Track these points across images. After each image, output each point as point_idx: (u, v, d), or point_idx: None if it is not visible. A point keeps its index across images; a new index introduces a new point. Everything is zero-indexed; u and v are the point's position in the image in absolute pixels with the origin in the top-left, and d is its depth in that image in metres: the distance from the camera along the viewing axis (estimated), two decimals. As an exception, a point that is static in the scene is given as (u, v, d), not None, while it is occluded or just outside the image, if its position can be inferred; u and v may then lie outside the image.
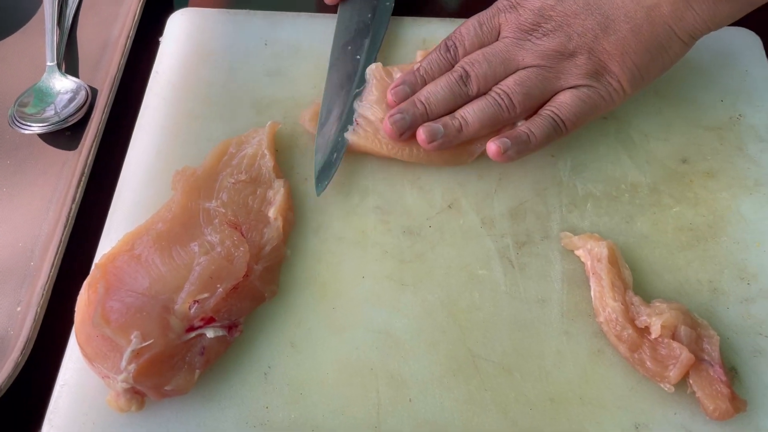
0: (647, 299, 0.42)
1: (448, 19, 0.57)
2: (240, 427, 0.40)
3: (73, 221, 0.47)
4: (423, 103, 0.47)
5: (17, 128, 0.51)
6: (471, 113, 0.46)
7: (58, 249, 0.45)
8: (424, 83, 0.48)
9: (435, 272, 0.45)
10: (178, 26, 0.57)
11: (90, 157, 0.50)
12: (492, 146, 0.44)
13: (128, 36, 0.56)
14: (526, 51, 0.46)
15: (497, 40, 0.48)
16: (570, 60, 0.45)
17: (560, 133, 0.45)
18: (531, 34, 0.46)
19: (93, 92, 0.54)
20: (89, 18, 0.59)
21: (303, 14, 0.57)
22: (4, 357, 0.42)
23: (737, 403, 0.38)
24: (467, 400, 0.40)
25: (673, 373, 0.39)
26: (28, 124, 0.51)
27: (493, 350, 0.42)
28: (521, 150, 0.45)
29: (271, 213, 0.46)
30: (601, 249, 0.42)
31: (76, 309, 0.41)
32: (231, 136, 0.49)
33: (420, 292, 0.44)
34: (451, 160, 0.48)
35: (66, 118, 0.52)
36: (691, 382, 0.39)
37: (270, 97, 0.53)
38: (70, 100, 0.53)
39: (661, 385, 0.40)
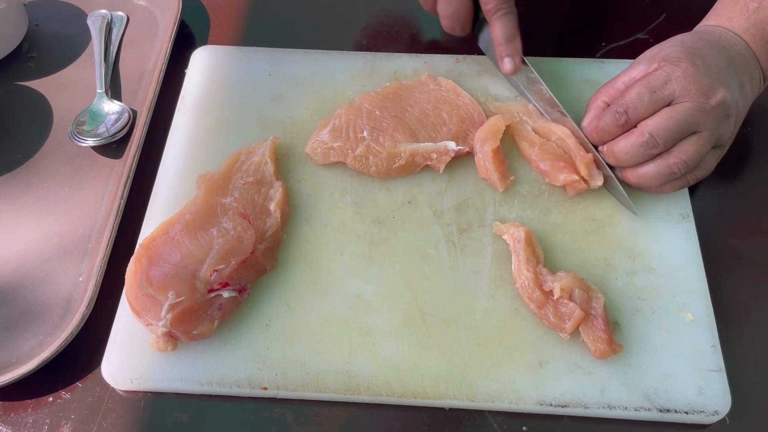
0: (554, 271, 0.53)
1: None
2: (247, 363, 0.50)
3: (121, 213, 0.56)
4: (615, 159, 0.54)
5: (76, 142, 0.61)
6: (651, 177, 0.53)
7: (110, 233, 0.55)
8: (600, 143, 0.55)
9: (396, 252, 0.55)
10: (200, 60, 0.67)
11: (133, 164, 0.59)
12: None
13: (161, 68, 0.65)
14: (706, 115, 0.50)
15: (671, 101, 0.51)
16: (726, 122, 0.52)
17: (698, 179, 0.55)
18: (710, 99, 0.50)
19: (133, 113, 0.63)
20: (129, 53, 0.69)
21: (300, 50, 0.67)
22: (71, 313, 0.53)
23: (614, 346, 0.49)
24: (416, 344, 0.51)
25: (569, 325, 0.50)
26: (85, 138, 0.61)
27: (437, 309, 0.52)
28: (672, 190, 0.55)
29: (272, 206, 0.55)
30: (520, 233, 0.54)
31: (126, 277, 0.51)
32: (241, 147, 0.59)
33: (384, 267, 0.54)
34: (402, 172, 0.59)
35: (114, 134, 0.61)
36: (581, 331, 0.51)
37: (272, 117, 0.63)
38: (117, 120, 0.62)
39: (560, 334, 0.51)
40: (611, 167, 0.56)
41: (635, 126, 0.52)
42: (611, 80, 0.57)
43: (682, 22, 0.71)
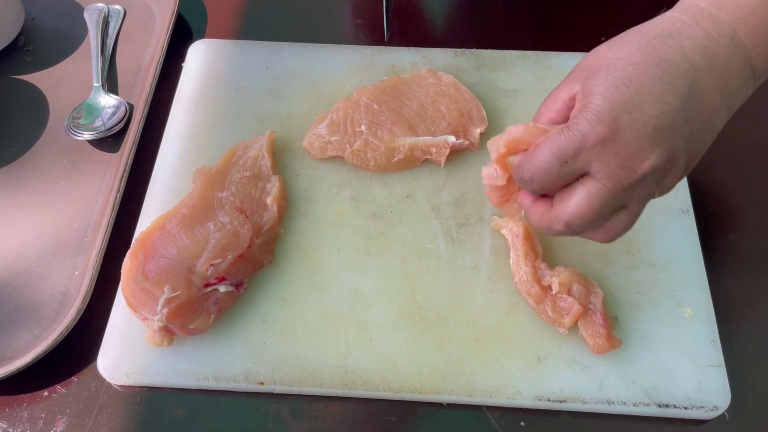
0: (553, 266, 0.52)
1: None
2: (244, 358, 0.50)
3: (117, 207, 0.56)
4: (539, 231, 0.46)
5: (72, 135, 0.61)
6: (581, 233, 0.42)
7: (106, 228, 0.55)
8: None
9: (393, 246, 0.55)
10: (197, 54, 0.67)
11: (129, 158, 0.59)
12: None
13: (158, 62, 0.64)
14: (631, 190, 0.39)
15: (586, 173, 0.40)
16: (665, 179, 0.40)
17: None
18: (635, 172, 0.38)
19: (130, 107, 0.63)
20: (126, 47, 0.69)
21: (297, 44, 0.67)
22: (67, 308, 0.52)
23: (612, 341, 0.49)
24: (413, 339, 0.51)
25: (567, 320, 0.50)
26: (81, 132, 0.61)
27: (435, 303, 0.52)
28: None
29: (269, 201, 0.55)
30: (519, 228, 0.53)
31: (122, 271, 0.51)
32: (238, 141, 0.58)
33: (381, 261, 0.54)
34: (401, 167, 0.59)
35: (111, 127, 0.61)
36: (580, 326, 0.50)
37: (269, 111, 0.63)
38: (113, 114, 0.62)
39: (559, 329, 0.51)
40: None
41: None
42: (553, 93, 0.44)
43: (683, 16, 0.71)
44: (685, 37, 0.39)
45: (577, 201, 0.40)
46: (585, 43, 0.58)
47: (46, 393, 0.51)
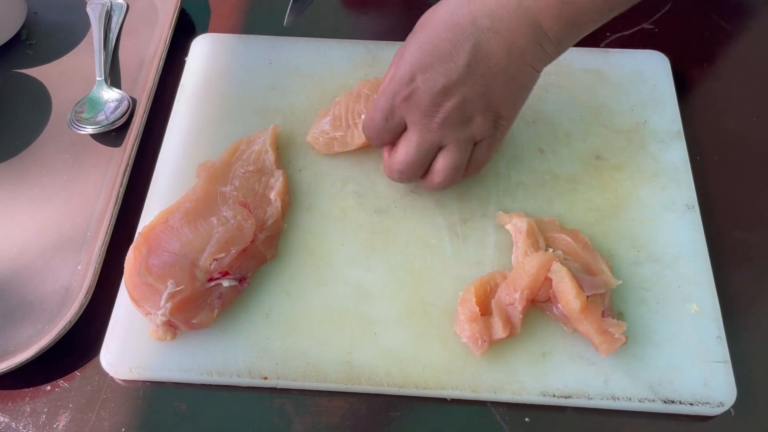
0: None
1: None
2: (247, 353, 0.50)
3: (120, 201, 0.56)
4: (397, 182, 0.54)
5: (75, 129, 0.60)
6: (431, 187, 0.53)
7: (109, 222, 0.55)
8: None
9: (398, 241, 0.55)
10: (200, 48, 0.66)
11: (132, 153, 0.58)
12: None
13: (161, 56, 0.64)
14: (439, 132, 0.49)
15: (405, 126, 0.51)
16: (472, 122, 0.49)
17: (480, 171, 0.54)
18: (435, 116, 0.48)
19: (133, 101, 0.63)
20: (129, 41, 0.69)
21: (301, 39, 0.67)
22: (70, 302, 0.52)
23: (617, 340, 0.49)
24: (418, 335, 0.51)
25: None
26: (84, 126, 0.60)
27: (440, 299, 0.52)
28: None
29: (272, 195, 0.55)
30: (523, 223, 0.53)
31: (125, 265, 0.50)
32: (242, 136, 0.58)
33: (386, 256, 0.54)
34: None
35: (113, 121, 0.61)
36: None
37: (273, 105, 0.62)
38: (116, 108, 0.62)
39: (564, 327, 0.51)
40: None
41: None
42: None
43: (688, 12, 0.71)
44: (477, 3, 0.46)
45: (399, 149, 0.51)
46: (588, 38, 0.58)
47: (48, 387, 0.51)
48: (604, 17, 0.49)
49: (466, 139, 0.50)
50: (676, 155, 0.59)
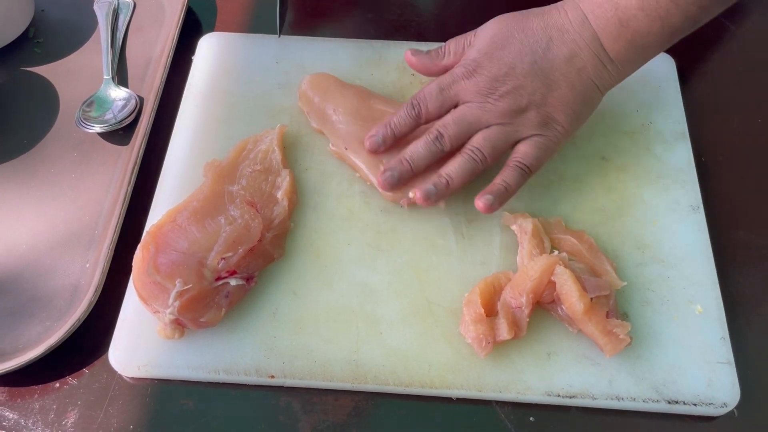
0: None
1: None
2: (254, 351, 0.50)
3: (128, 200, 0.56)
4: (408, 161, 0.53)
5: (83, 128, 0.61)
6: (454, 171, 0.52)
7: (117, 220, 0.55)
8: (394, 136, 0.55)
9: (404, 241, 0.55)
10: (207, 47, 0.67)
11: (140, 151, 0.58)
12: (479, 203, 0.51)
13: (168, 55, 0.64)
14: (487, 112, 0.52)
15: (457, 102, 0.53)
16: (524, 115, 0.52)
17: (527, 176, 0.53)
18: (489, 98, 0.52)
19: (140, 100, 0.63)
20: (136, 40, 0.69)
21: (307, 38, 0.67)
22: (78, 300, 0.53)
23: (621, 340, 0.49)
24: (423, 334, 0.51)
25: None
26: (91, 124, 0.61)
27: (445, 298, 0.52)
28: (502, 200, 0.52)
29: (279, 195, 0.55)
30: (528, 224, 0.53)
31: (133, 264, 0.51)
32: (249, 135, 0.58)
33: (391, 256, 0.54)
34: None
35: (121, 120, 0.61)
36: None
37: (280, 105, 0.63)
38: (124, 106, 0.62)
39: (569, 328, 0.51)
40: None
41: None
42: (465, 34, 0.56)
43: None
44: (549, 16, 0.53)
45: (446, 116, 0.53)
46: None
47: (57, 384, 0.51)
48: (665, 41, 0.52)
49: (511, 127, 0.52)
50: (681, 156, 0.60)
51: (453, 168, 0.52)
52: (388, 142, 0.55)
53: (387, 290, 0.53)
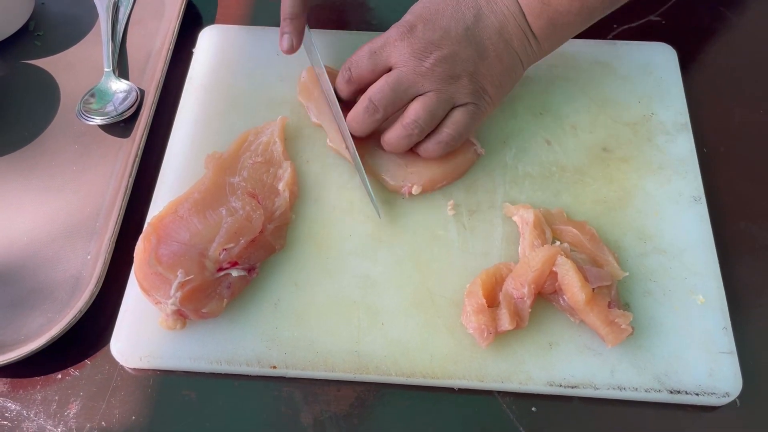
0: None
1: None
2: (256, 342, 0.50)
3: (129, 191, 0.56)
4: (352, 129, 0.55)
5: (83, 120, 0.60)
6: (394, 143, 0.54)
7: (119, 212, 0.55)
8: (341, 100, 0.56)
9: (405, 232, 0.55)
10: (207, 39, 0.66)
11: (141, 143, 0.58)
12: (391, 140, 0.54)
13: (168, 47, 0.64)
14: (423, 77, 0.51)
15: (390, 66, 0.52)
16: (458, 82, 0.51)
17: (457, 143, 0.54)
18: (424, 61, 0.51)
19: (141, 92, 0.63)
20: (136, 32, 0.69)
21: (308, 30, 0.65)
22: (80, 291, 0.53)
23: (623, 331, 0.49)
24: (424, 325, 0.51)
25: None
26: (92, 117, 0.60)
27: (446, 289, 0.52)
28: (441, 152, 0.54)
29: (281, 186, 0.55)
30: (529, 215, 0.53)
31: (135, 255, 0.51)
32: (250, 127, 0.58)
33: (393, 248, 0.54)
34: None
35: (122, 112, 0.61)
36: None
37: (281, 97, 0.63)
38: (124, 99, 0.62)
39: (571, 318, 0.51)
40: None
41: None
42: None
43: (696, 4, 0.71)
44: None
45: (380, 80, 0.52)
46: (595, 30, 0.58)
47: (59, 376, 0.51)
48: (584, 21, 0.53)
49: (447, 94, 0.52)
50: (683, 147, 0.59)
51: (392, 140, 0.54)
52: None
53: (388, 281, 0.53)
